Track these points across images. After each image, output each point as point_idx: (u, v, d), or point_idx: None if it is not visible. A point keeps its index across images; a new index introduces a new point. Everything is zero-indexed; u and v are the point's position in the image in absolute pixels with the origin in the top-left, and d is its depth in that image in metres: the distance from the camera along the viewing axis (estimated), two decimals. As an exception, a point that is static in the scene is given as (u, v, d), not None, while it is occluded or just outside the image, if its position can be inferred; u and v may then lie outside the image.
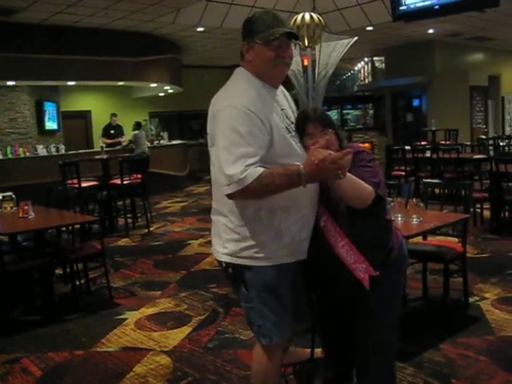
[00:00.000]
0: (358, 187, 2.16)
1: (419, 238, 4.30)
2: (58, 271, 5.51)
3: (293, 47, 2.35)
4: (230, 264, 2.33)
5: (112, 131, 12.12)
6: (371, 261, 2.28)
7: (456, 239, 4.43)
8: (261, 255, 2.26)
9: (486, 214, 7.31)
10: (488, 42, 14.45)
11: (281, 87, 2.43)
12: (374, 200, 2.21)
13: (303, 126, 2.31)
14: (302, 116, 2.36)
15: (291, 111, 2.42)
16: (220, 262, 2.39)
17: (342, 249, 2.28)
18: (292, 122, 2.34)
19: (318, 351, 3.39)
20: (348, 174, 2.09)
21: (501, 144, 11.53)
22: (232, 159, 2.07)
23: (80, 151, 11.54)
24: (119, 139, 12.05)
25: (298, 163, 2.08)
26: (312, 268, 2.41)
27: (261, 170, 2.07)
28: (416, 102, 15.48)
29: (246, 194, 2.10)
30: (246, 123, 2.10)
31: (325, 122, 2.32)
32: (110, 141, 11.70)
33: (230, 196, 2.14)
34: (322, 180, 2.10)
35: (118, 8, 9.29)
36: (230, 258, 2.32)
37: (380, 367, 2.47)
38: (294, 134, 2.31)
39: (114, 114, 12.28)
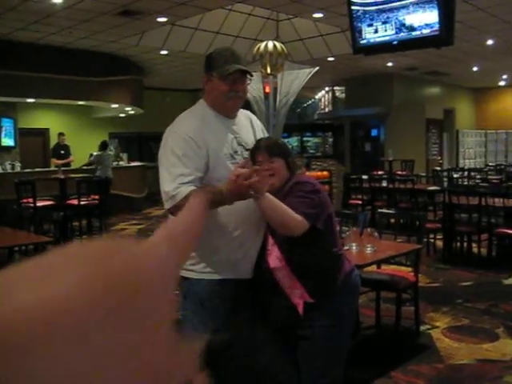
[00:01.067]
0: (281, 214, 2.23)
1: (374, 267, 4.39)
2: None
3: (247, 81, 2.51)
4: None
5: (62, 151, 11.77)
6: (309, 288, 2.32)
7: (409, 268, 4.54)
8: (194, 268, 2.36)
9: (439, 243, 7.50)
10: (443, 76, 14.97)
11: (249, 115, 2.66)
12: (312, 232, 2.27)
13: (253, 154, 2.43)
14: (255, 145, 2.47)
15: (253, 137, 2.55)
16: None
17: (280, 272, 2.35)
18: (247, 150, 2.47)
19: None
20: (272, 199, 2.20)
21: (454, 176, 11.88)
22: (170, 178, 2.29)
23: (36, 169, 11.31)
24: (69, 159, 11.77)
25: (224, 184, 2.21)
26: (258, 289, 2.45)
27: (191, 188, 2.24)
28: (374, 132, 15.83)
29: (179, 210, 2.13)
30: (182, 147, 2.32)
31: (272, 152, 2.41)
32: (60, 161, 11.26)
33: (169, 211, 2.30)
34: (241, 198, 2.20)
35: (83, 28, 9.26)
36: None
37: None
38: (238, 160, 2.41)
39: (62, 133, 11.95)
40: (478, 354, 4.03)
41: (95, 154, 11.26)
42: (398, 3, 6.44)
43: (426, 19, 6.24)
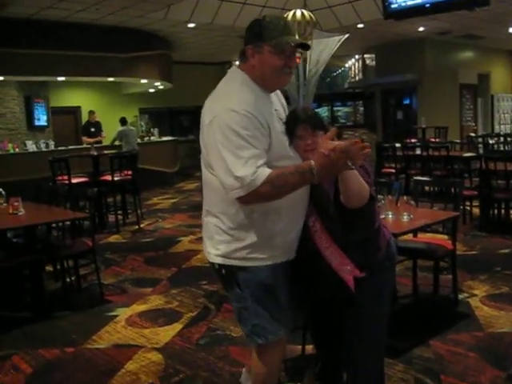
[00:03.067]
0: (361, 183, 2.12)
1: (409, 236, 4.33)
2: (49, 268, 5.47)
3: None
4: (222, 265, 2.33)
5: (92, 129, 11.97)
6: (357, 261, 2.28)
7: (445, 236, 4.47)
8: (254, 256, 2.26)
9: (475, 211, 7.37)
10: (478, 40, 14.51)
11: None
12: None
13: (293, 127, 2.27)
14: (292, 117, 2.31)
15: (283, 110, 2.40)
16: (213, 264, 2.38)
17: (327, 250, 2.29)
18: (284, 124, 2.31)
19: (309, 348, 3.42)
20: (354, 170, 2.06)
21: (490, 142, 11.59)
22: (241, 162, 2.04)
23: (69, 147, 11.47)
24: (99, 138, 11.88)
25: (311, 161, 2.03)
26: (301, 267, 2.42)
27: (269, 170, 2.05)
28: (406, 100, 15.55)
29: (256, 196, 2.07)
30: (247, 126, 2.07)
31: (315, 124, 2.27)
32: (91, 139, 11.42)
33: (241, 199, 2.10)
34: (333, 172, 2.04)
35: (109, 4, 9.25)
36: (223, 259, 2.31)
37: (368, 365, 2.47)
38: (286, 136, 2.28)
39: (92, 112, 12.15)
40: (519, 322, 3.96)
41: (118, 130, 11.38)
42: (430, -36, 6.23)
43: (460, -21, 6.03)
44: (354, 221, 2.25)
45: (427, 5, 6.39)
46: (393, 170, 9.42)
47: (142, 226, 8.20)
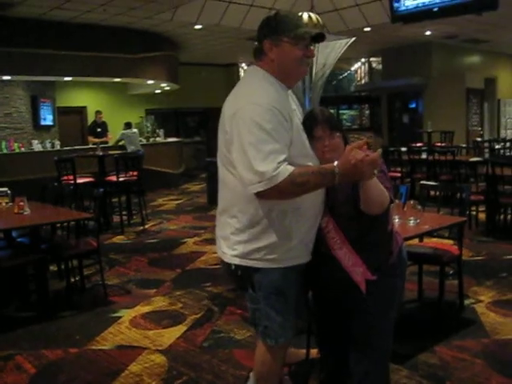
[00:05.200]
0: (381, 191, 2.12)
1: (415, 240, 4.31)
2: (53, 268, 5.48)
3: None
4: (239, 266, 2.30)
5: (99, 129, 11.98)
6: (369, 264, 2.27)
7: (451, 241, 4.44)
8: (270, 257, 2.24)
9: (481, 216, 7.33)
10: (484, 44, 14.48)
11: None
12: None
13: (311, 128, 2.27)
14: (310, 118, 2.30)
15: (299, 110, 2.40)
16: (229, 264, 2.34)
17: (341, 251, 2.27)
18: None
19: (314, 352, 3.39)
20: (375, 178, 2.06)
21: (496, 147, 11.55)
22: (261, 156, 2.03)
23: (75, 147, 11.50)
24: (106, 139, 11.89)
25: (335, 163, 2.02)
26: (311, 267, 2.40)
27: (292, 168, 2.04)
28: (412, 104, 15.50)
29: (276, 193, 2.06)
30: (270, 120, 2.07)
31: (332, 125, 2.27)
32: (97, 140, 11.40)
33: (259, 194, 2.09)
34: (356, 180, 2.05)
35: (116, 4, 9.27)
36: (240, 259, 2.29)
37: (374, 373, 2.44)
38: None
39: (98, 112, 12.16)
40: (525, 329, 3.93)
41: (121, 132, 11.53)
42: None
43: (468, -17, 6.00)
44: (368, 223, 2.24)
45: (435, 8, 6.37)
46: (398, 174, 9.38)
47: (146, 226, 8.19)
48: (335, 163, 2.01)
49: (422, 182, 5.15)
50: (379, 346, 2.43)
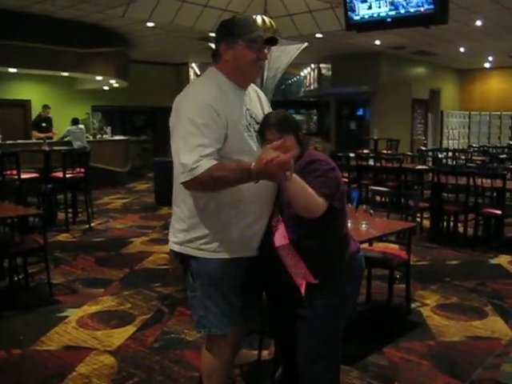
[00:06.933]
0: (307, 196, 2.12)
1: (365, 244, 4.38)
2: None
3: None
4: (178, 253, 2.41)
5: (43, 124, 11.59)
6: (313, 268, 2.25)
7: (397, 246, 4.57)
8: (206, 247, 2.33)
9: (425, 223, 7.55)
10: (430, 56, 14.93)
11: (255, 88, 2.54)
12: (327, 211, 2.18)
13: (262, 131, 2.34)
14: (263, 121, 2.37)
15: (261, 111, 2.46)
16: (172, 251, 2.46)
17: (284, 251, 2.27)
18: (257, 123, 2.38)
19: (266, 353, 3.40)
20: (299, 181, 2.09)
21: (439, 156, 11.92)
22: (187, 149, 2.15)
23: (18, 141, 11.10)
24: (50, 134, 11.50)
25: (252, 163, 2.08)
26: (263, 266, 2.41)
27: (213, 162, 2.13)
28: (360, 111, 15.80)
29: (197, 185, 2.17)
30: (202, 115, 2.18)
31: (282, 128, 2.29)
32: (41, 135, 11.05)
33: (184, 185, 2.20)
34: (271, 180, 2.12)
35: (66, -4, 9.02)
36: (179, 247, 2.40)
37: (322, 376, 2.41)
38: (254, 134, 2.34)
39: (46, 106, 11.73)
40: (468, 331, 4.07)
41: (67, 129, 11.28)
42: (392, -21, 6.36)
43: (420, -4, 6.17)
44: (314, 227, 2.23)
45: (388, 19, 6.53)
46: (346, 180, 9.52)
47: (92, 225, 8.01)
48: (253, 162, 2.08)
49: (372, 187, 5.25)
50: (327, 352, 2.39)
